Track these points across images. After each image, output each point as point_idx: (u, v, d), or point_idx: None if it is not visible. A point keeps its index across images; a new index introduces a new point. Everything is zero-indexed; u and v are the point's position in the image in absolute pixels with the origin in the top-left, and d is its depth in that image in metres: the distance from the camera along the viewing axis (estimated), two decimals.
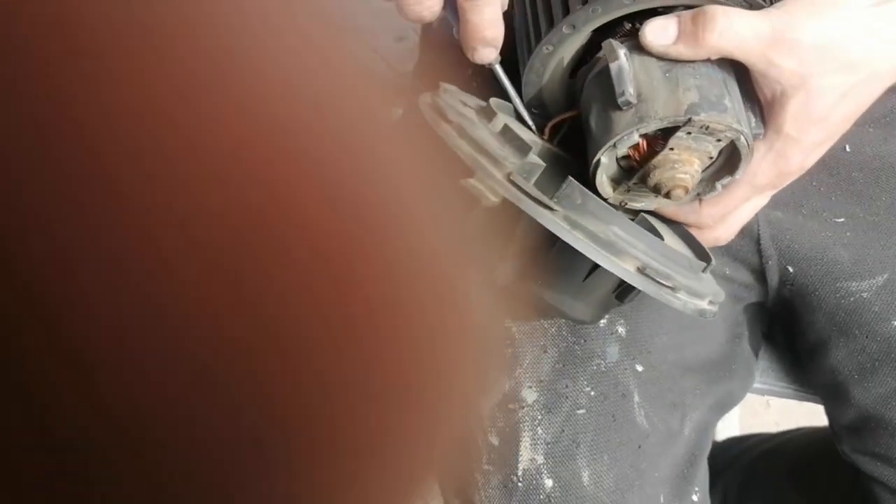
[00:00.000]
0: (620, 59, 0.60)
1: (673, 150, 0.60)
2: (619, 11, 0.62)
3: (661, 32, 0.60)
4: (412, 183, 0.25)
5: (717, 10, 0.59)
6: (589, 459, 0.78)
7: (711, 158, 0.62)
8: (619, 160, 0.64)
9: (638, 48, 0.62)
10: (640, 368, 0.79)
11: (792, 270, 0.82)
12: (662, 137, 0.60)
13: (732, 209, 0.69)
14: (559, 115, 0.70)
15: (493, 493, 0.78)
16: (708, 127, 0.59)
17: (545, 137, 0.71)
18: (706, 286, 0.64)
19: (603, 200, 0.64)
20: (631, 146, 0.61)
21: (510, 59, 0.69)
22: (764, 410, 1.52)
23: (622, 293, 0.64)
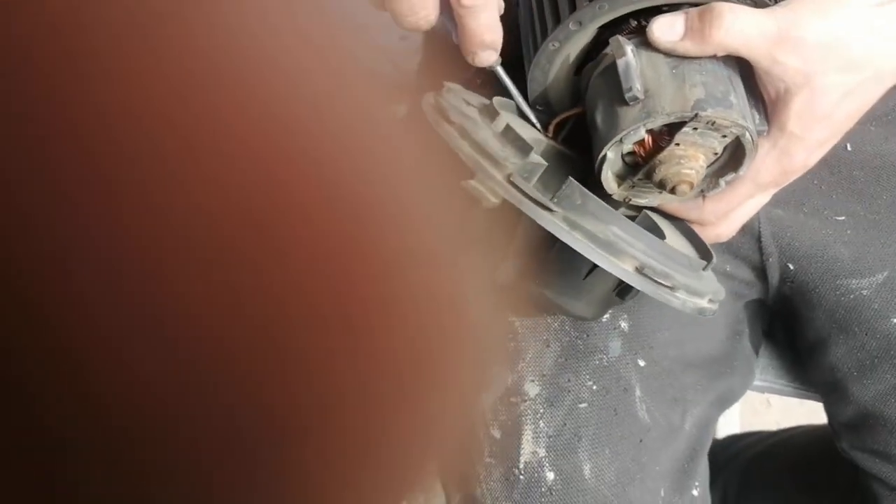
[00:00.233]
0: (628, 55, 0.60)
1: (679, 145, 0.60)
2: (625, 8, 0.63)
3: (668, 29, 0.61)
4: (411, 183, 0.25)
5: (723, 7, 0.60)
6: (590, 453, 0.78)
7: (716, 154, 0.63)
8: (624, 156, 0.64)
9: (644, 45, 0.62)
10: (641, 363, 0.80)
11: (792, 268, 0.83)
12: (668, 133, 0.61)
13: (735, 206, 0.69)
14: (564, 112, 0.71)
15: (494, 485, 0.79)
16: (714, 122, 0.59)
17: (550, 135, 0.72)
18: (706, 285, 0.64)
19: (607, 196, 0.65)
20: (636, 142, 0.62)
21: (511, 59, 0.69)
22: (765, 410, 1.53)
23: (623, 291, 0.65)
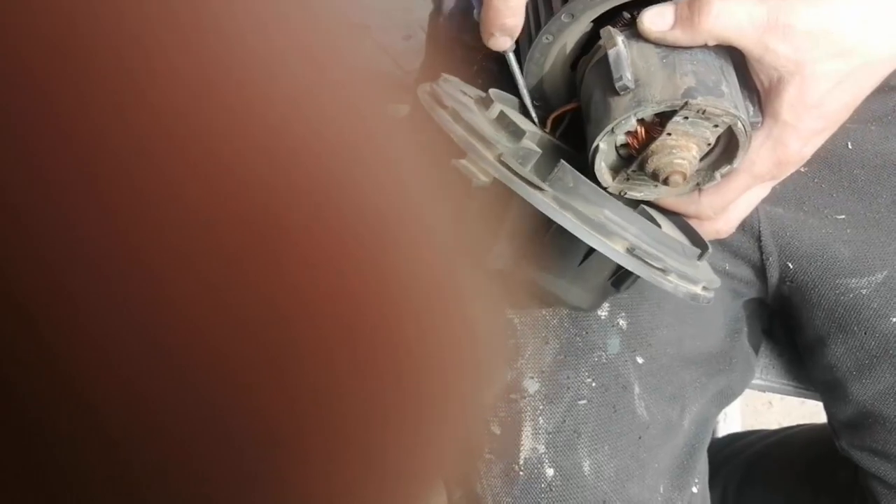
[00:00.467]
0: (618, 44, 0.61)
1: (671, 135, 0.61)
2: (617, 0, 0.63)
3: (658, 18, 0.61)
4: (410, 183, 0.25)
5: None
6: (590, 449, 0.78)
7: (709, 145, 0.63)
8: (617, 149, 0.65)
9: (636, 36, 0.63)
10: (640, 360, 0.80)
11: (792, 267, 0.83)
12: (660, 124, 0.61)
13: (732, 199, 0.70)
14: (561, 107, 0.72)
15: (494, 481, 0.79)
16: (705, 111, 0.60)
17: (547, 130, 0.72)
18: (701, 273, 0.64)
19: (601, 188, 0.65)
20: (629, 132, 0.62)
21: (516, 52, 0.70)
22: (766, 410, 1.52)
23: (618, 280, 0.65)
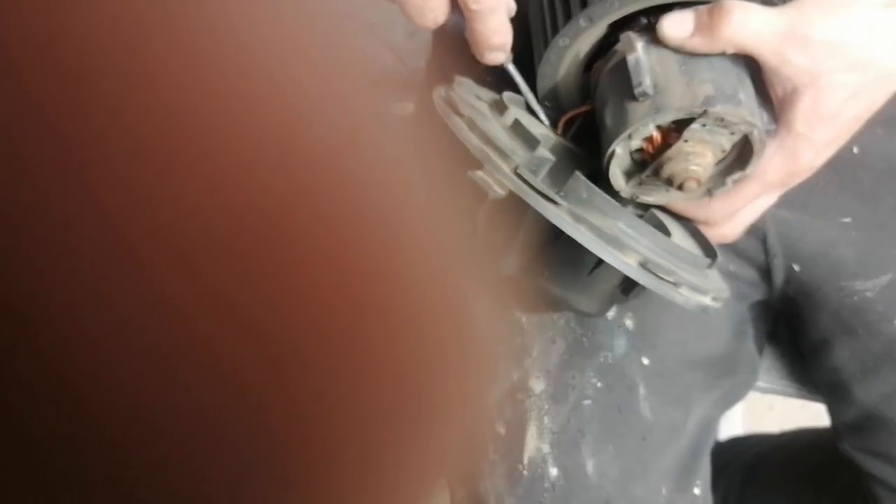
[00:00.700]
0: (638, 51, 0.61)
1: (687, 141, 0.61)
2: (636, 5, 0.63)
3: (678, 25, 0.61)
4: (414, 182, 0.25)
5: (733, 4, 0.60)
6: (594, 449, 0.79)
7: (724, 152, 0.63)
8: (632, 153, 0.65)
9: (654, 42, 0.63)
10: (646, 362, 0.80)
11: (797, 269, 0.83)
12: (676, 130, 0.61)
13: (741, 206, 0.70)
14: (573, 109, 0.71)
15: (498, 481, 0.79)
16: (723, 119, 0.60)
17: (558, 132, 0.72)
18: (710, 282, 0.65)
19: (615, 193, 0.65)
20: (645, 138, 0.62)
21: (523, 54, 0.70)
22: (767, 413, 1.53)
23: (627, 288, 0.65)
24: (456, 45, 0.71)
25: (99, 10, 0.18)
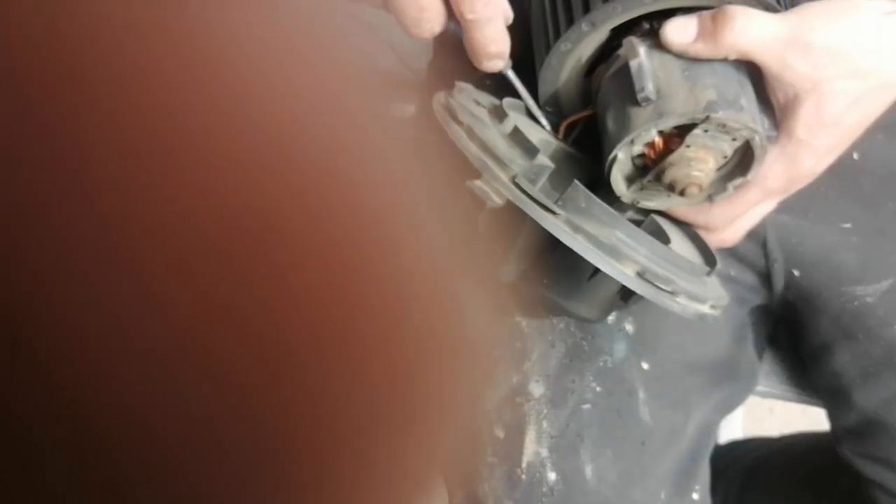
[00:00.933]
0: (641, 56, 0.61)
1: (689, 147, 0.61)
2: (639, 10, 0.63)
3: (681, 31, 0.61)
4: (406, 186, 0.25)
5: (736, 9, 0.60)
6: (593, 454, 0.79)
7: (726, 158, 0.63)
8: (633, 159, 0.64)
9: (657, 47, 0.63)
10: (645, 366, 0.80)
11: (797, 274, 0.83)
12: (678, 135, 0.61)
13: (742, 212, 0.70)
14: (574, 114, 0.71)
15: (497, 484, 0.79)
16: (725, 125, 0.60)
17: (560, 136, 0.72)
18: (709, 290, 0.65)
19: (616, 199, 0.65)
20: (647, 144, 0.62)
21: (522, 59, 0.70)
22: (768, 416, 1.53)
23: (626, 294, 0.65)
24: (457, 47, 0.71)
25: (93, 10, 0.18)
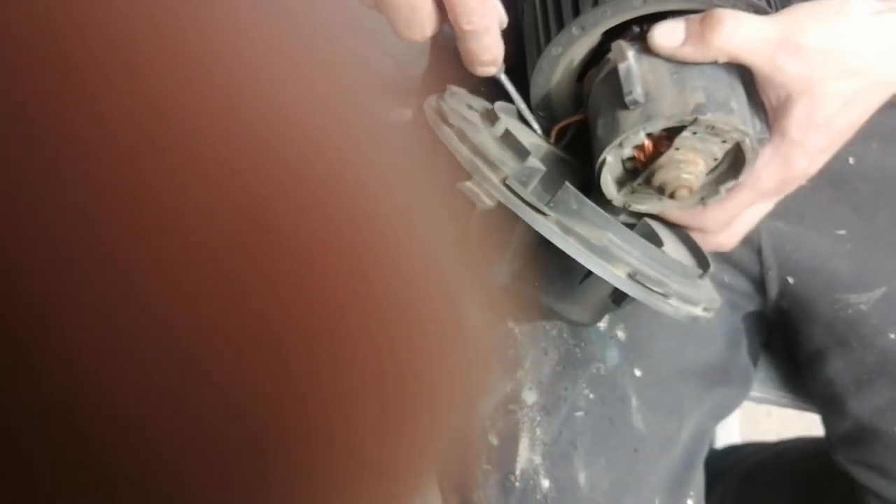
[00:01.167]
0: (629, 59, 0.61)
1: (678, 150, 0.61)
2: (629, 14, 0.63)
3: (669, 34, 0.61)
4: (409, 189, 0.25)
5: (725, 12, 0.60)
6: (586, 461, 0.78)
7: (716, 160, 0.63)
8: (623, 162, 0.64)
9: (646, 51, 0.63)
10: (638, 373, 0.80)
11: (792, 281, 0.83)
12: (668, 138, 0.61)
13: (736, 214, 0.70)
14: (566, 118, 0.71)
15: (491, 492, 0.79)
16: (714, 127, 0.60)
17: (551, 141, 0.72)
18: (701, 293, 0.64)
19: (607, 203, 0.65)
20: (636, 146, 0.62)
21: (514, 64, 0.70)
22: (765, 420, 1.53)
23: (618, 297, 0.65)
24: (453, 53, 0.71)
25: (84, 10, 0.18)
